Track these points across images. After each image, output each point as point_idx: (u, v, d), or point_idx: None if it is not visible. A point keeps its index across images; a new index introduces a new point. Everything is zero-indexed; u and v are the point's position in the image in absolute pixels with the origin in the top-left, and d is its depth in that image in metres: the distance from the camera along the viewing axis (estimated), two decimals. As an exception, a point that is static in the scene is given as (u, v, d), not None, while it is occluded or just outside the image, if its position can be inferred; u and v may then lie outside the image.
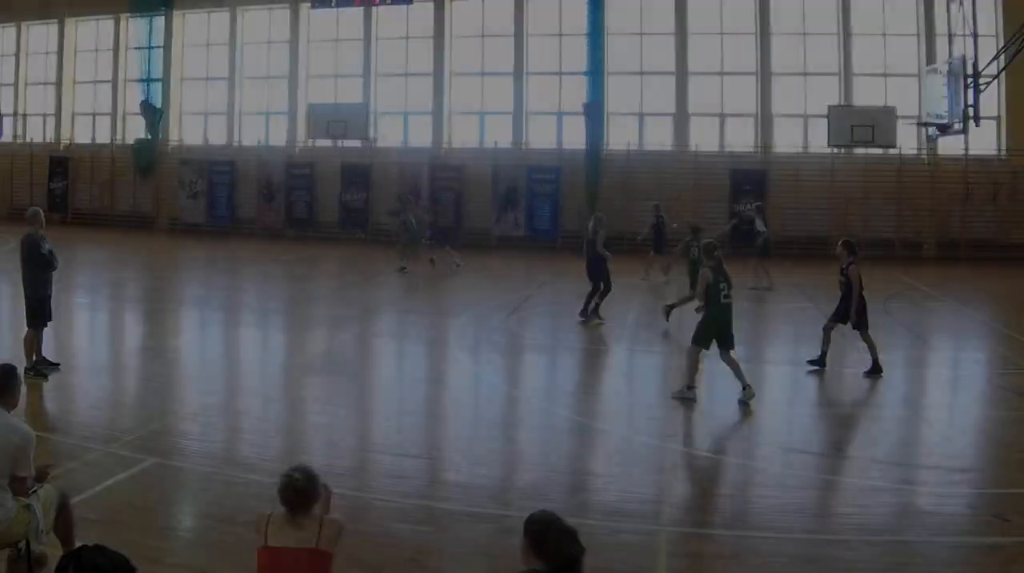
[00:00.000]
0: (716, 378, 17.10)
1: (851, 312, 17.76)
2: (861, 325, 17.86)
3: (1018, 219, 38.04)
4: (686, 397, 15.48)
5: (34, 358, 16.12)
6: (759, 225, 29.67)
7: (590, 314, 22.80)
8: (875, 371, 17.54)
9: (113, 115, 50.13)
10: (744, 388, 15.46)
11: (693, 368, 15.76)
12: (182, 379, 17.54)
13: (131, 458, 12.10)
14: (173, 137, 48.41)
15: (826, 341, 17.98)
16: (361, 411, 15.82)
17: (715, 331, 15.88)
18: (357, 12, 45.06)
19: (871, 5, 40.30)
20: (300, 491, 6.66)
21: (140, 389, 16.66)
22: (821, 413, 15.82)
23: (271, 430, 14.18)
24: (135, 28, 48.52)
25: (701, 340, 15.95)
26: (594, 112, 40.95)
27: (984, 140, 38.47)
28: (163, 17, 47.76)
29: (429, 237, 33.49)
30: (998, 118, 38.68)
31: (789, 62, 41.03)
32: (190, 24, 49.09)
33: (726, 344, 15.91)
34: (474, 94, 44.54)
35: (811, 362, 18.02)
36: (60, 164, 49.92)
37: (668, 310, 22.81)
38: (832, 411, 16.04)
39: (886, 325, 23.57)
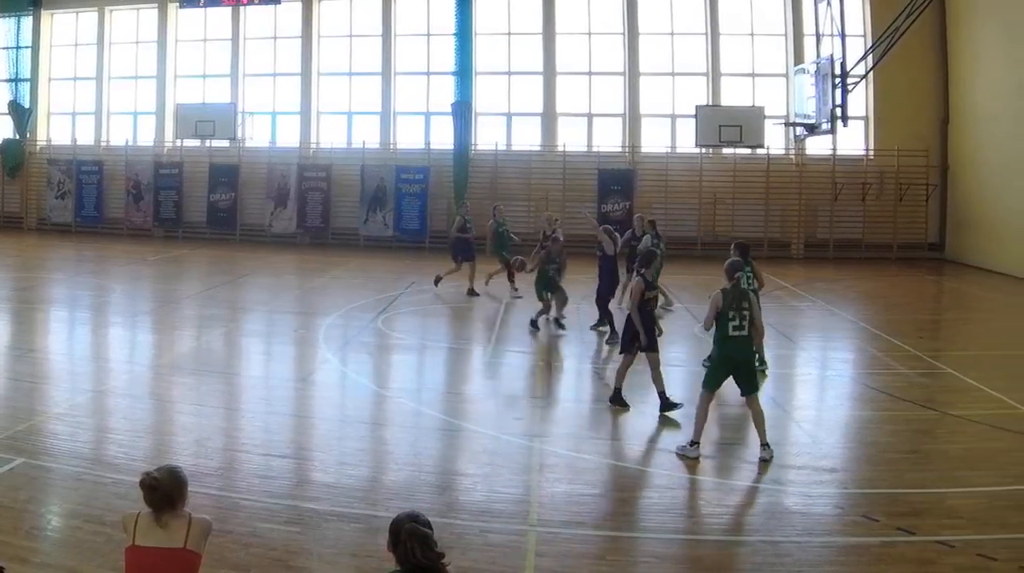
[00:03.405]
0: (583, 379, 17.37)
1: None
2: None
3: (885, 219, 38.92)
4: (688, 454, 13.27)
5: None
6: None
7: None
8: None
9: (-19, 116, 49.04)
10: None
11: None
12: (50, 379, 17.33)
13: (-2, 459, 12.07)
14: (41, 137, 47.35)
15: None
16: (229, 411, 15.83)
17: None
18: (225, 12, 44.59)
19: (738, 5, 40.94)
20: (156, 491, 6.70)
21: (8, 389, 16.39)
22: (690, 413, 15.98)
23: (139, 430, 14.14)
24: (2, 28, 47.40)
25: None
26: (462, 112, 41.06)
27: (852, 140, 39.53)
28: (31, 17, 46.78)
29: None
30: (866, 118, 39.71)
31: (657, 62, 41.49)
32: (58, 24, 48.06)
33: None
34: (342, 94, 44.40)
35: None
36: (-73, 165, 48.73)
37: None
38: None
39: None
